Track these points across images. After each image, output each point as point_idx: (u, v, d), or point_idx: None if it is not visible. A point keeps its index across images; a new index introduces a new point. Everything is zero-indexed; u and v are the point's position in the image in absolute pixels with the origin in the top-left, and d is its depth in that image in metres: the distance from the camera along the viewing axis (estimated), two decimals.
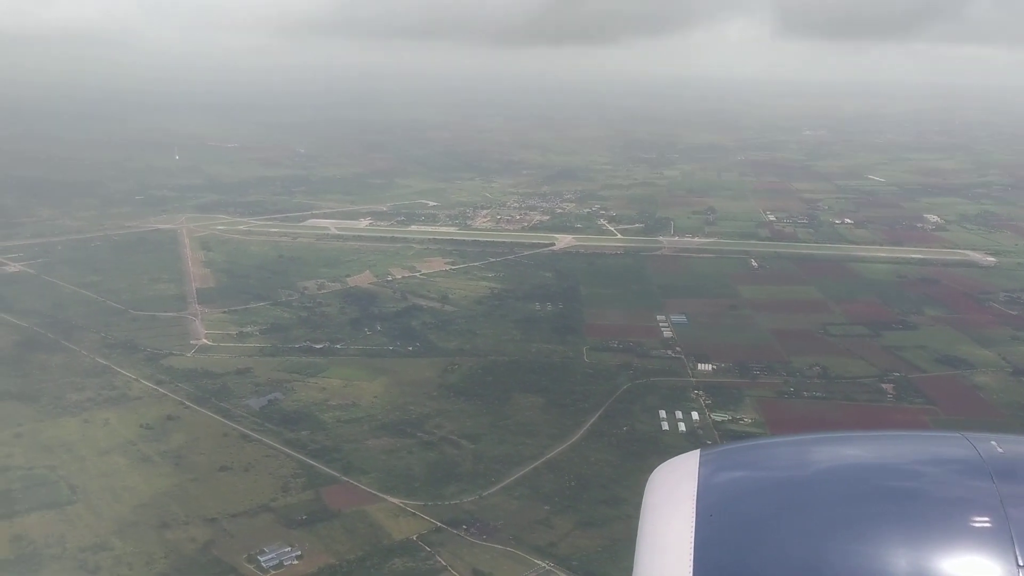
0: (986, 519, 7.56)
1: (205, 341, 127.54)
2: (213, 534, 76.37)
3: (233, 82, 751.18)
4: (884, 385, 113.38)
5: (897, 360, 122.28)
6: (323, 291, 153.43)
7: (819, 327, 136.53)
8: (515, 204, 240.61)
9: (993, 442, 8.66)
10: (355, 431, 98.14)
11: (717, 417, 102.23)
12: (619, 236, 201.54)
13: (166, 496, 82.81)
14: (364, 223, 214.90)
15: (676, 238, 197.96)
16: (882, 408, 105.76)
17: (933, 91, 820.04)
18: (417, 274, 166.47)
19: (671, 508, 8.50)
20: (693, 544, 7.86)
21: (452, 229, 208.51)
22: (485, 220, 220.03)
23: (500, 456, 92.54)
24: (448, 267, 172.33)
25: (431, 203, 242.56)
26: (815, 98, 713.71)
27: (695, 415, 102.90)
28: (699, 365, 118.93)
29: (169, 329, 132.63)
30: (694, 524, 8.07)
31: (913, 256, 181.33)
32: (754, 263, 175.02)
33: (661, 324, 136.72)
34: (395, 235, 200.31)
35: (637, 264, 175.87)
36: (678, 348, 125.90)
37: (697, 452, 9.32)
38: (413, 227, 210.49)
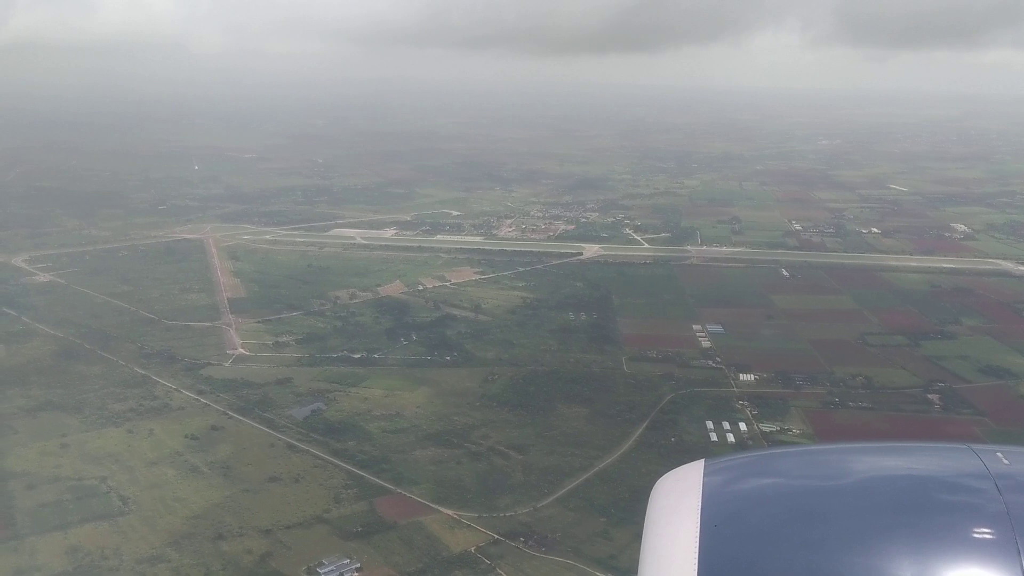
0: (992, 530, 7.54)
1: (242, 351, 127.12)
2: (269, 546, 75.61)
3: (266, 87, 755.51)
4: (930, 396, 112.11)
5: (940, 370, 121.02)
6: (355, 301, 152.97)
7: (857, 337, 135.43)
8: (538, 213, 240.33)
9: (999, 454, 8.72)
10: (401, 441, 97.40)
11: (765, 428, 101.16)
12: (646, 245, 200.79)
13: (218, 507, 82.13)
14: (389, 233, 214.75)
15: (704, 247, 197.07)
16: (931, 419, 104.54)
17: (943, 100, 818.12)
18: (447, 283, 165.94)
19: (676, 518, 8.50)
20: (697, 554, 7.83)
21: (478, 238, 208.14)
22: (510, 229, 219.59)
23: (550, 467, 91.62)
24: (478, 276, 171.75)
25: (454, 212, 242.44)
26: (827, 108, 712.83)
27: (743, 426, 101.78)
28: (741, 375, 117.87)
29: (204, 339, 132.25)
30: (698, 534, 8.04)
31: (944, 266, 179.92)
32: (785, 272, 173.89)
33: (698, 334, 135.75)
34: (422, 245, 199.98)
35: (667, 273, 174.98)
36: (718, 358, 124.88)
37: (701, 462, 9.35)
38: (439, 236, 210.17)
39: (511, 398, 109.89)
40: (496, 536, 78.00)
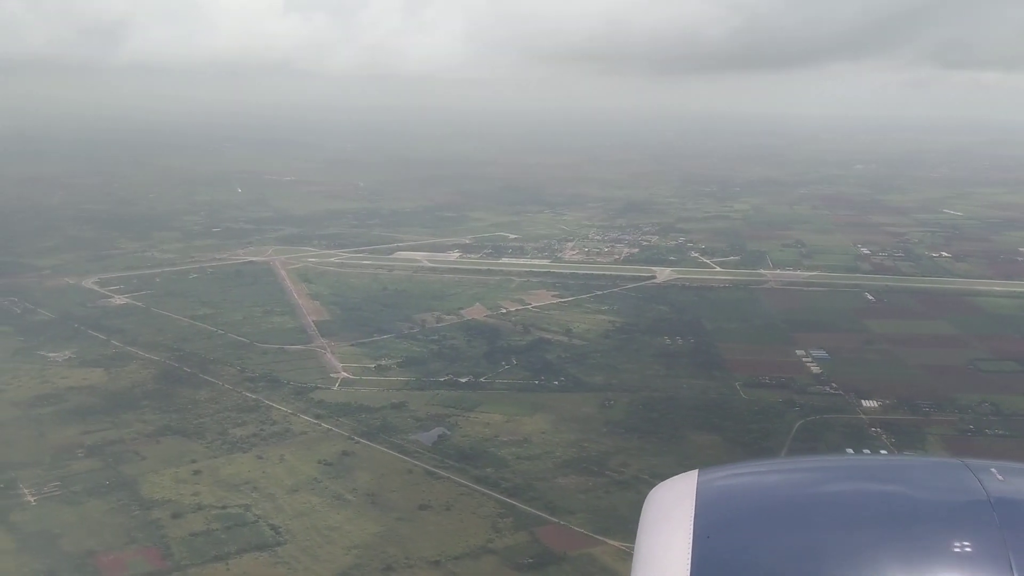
0: (985, 546, 7.49)
1: (345, 375, 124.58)
2: None
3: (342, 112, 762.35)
4: None
5: None
6: (441, 324, 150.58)
7: (967, 362, 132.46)
8: (597, 237, 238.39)
9: (993, 470, 8.67)
10: (539, 468, 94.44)
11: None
12: (718, 269, 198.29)
13: (377, 537, 79.20)
14: (454, 256, 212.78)
15: (777, 271, 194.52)
16: None
17: (964, 126, 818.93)
18: (529, 307, 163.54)
19: (669, 528, 8.48)
20: (690, 565, 7.77)
21: (544, 261, 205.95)
22: (574, 253, 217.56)
23: None
24: (557, 300, 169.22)
25: (511, 236, 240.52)
26: (852, 134, 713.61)
27: (884, 453, 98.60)
28: (863, 402, 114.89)
29: (303, 362, 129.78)
30: (691, 544, 8.00)
31: None
32: (870, 297, 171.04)
33: (804, 359, 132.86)
34: (490, 268, 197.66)
35: (749, 297, 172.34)
36: (833, 384, 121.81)
37: (695, 472, 9.34)
38: (504, 260, 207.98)
39: (636, 424, 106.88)
40: None
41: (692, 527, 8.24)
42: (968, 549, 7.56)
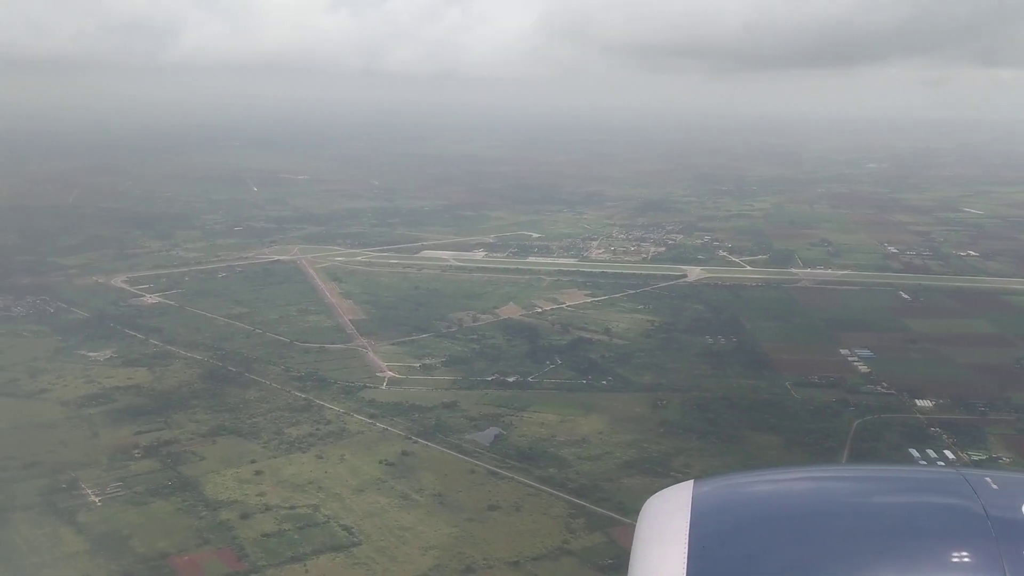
0: (980, 556, 7.47)
1: (391, 374, 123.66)
2: None
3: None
4: None
5: None
6: (478, 323, 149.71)
7: (1013, 362, 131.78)
8: (621, 235, 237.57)
9: (988, 479, 8.68)
10: (603, 469, 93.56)
11: (975, 456, 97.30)
12: (748, 268, 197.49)
13: (451, 538, 78.25)
14: (480, 255, 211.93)
15: (808, 270, 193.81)
16: None
17: (974, 125, 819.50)
18: (563, 306, 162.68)
19: (664, 540, 8.43)
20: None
21: (572, 260, 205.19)
22: (600, 251, 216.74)
23: None
24: (590, 299, 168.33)
25: (534, 235, 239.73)
26: (855, 134, 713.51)
27: (948, 454, 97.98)
28: (917, 401, 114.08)
29: (347, 362, 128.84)
30: (687, 557, 7.94)
31: None
32: (905, 296, 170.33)
33: (849, 358, 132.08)
34: (518, 267, 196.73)
35: (784, 296, 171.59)
36: (884, 383, 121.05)
37: (691, 483, 9.31)
38: (531, 259, 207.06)
39: (693, 425, 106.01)
40: None
41: (687, 538, 8.20)
42: (964, 560, 7.58)
